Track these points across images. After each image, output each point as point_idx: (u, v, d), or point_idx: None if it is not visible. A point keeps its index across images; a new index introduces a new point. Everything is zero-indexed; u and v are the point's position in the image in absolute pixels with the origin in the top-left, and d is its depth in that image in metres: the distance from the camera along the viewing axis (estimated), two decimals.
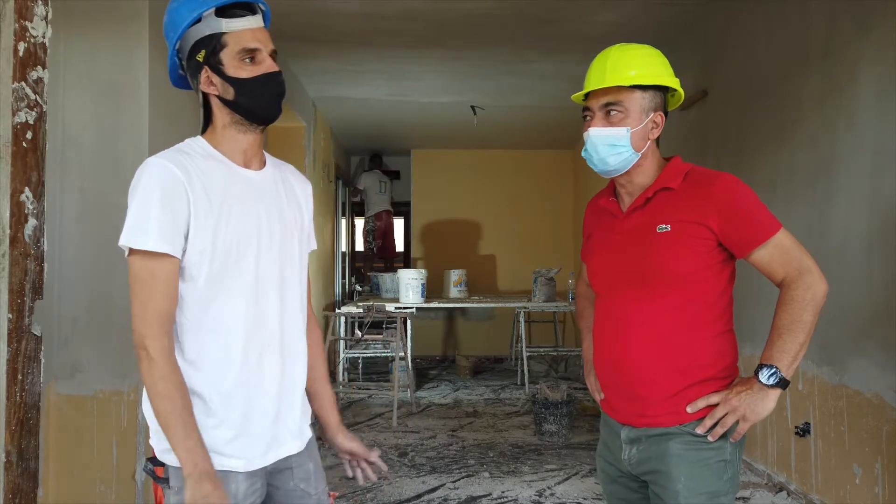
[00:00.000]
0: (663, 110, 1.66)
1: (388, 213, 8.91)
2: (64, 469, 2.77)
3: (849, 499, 3.09)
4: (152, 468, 1.43)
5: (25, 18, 2.62)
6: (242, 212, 1.44)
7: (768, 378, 1.53)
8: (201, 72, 1.44)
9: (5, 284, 2.55)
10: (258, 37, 1.45)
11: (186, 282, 1.40)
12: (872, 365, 2.94)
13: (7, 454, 2.52)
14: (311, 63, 5.44)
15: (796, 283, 1.55)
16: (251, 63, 1.44)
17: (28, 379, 2.63)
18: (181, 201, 1.37)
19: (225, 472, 1.42)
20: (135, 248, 1.35)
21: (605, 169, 1.67)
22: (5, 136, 2.54)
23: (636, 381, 1.62)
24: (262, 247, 1.47)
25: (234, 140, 1.49)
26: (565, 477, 4.05)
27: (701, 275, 1.58)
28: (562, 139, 8.44)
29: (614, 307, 1.67)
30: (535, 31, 4.67)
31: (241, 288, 1.43)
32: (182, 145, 1.47)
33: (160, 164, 1.38)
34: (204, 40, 1.42)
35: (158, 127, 2.93)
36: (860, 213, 3.04)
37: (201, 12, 1.41)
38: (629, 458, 1.66)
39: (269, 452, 1.49)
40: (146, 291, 1.36)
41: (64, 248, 2.78)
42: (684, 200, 1.60)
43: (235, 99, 1.44)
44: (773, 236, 1.56)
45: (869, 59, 3.00)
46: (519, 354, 6.95)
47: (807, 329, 1.53)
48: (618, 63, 1.63)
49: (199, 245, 1.38)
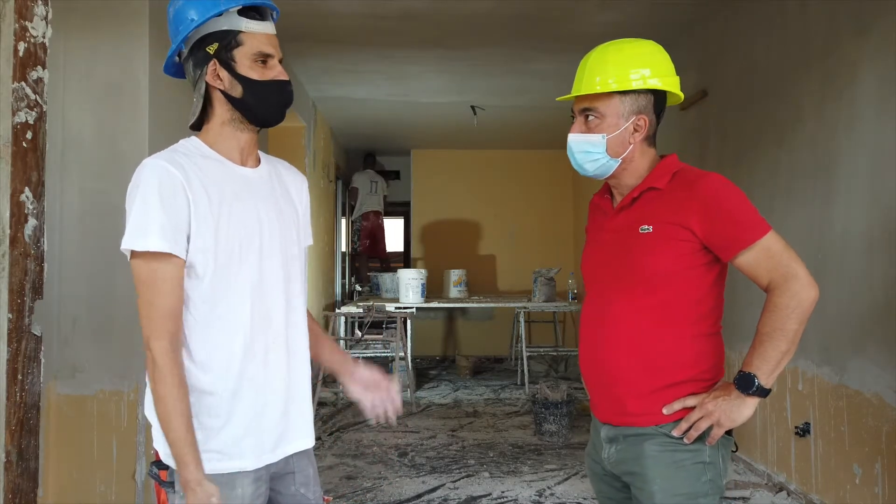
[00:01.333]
0: (653, 111, 1.63)
1: (376, 214, 8.77)
2: (64, 469, 2.77)
3: (849, 499, 3.09)
4: (157, 472, 1.43)
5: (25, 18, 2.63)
6: (243, 210, 1.44)
7: (746, 386, 1.50)
8: (208, 63, 1.43)
9: (5, 284, 2.55)
10: (273, 43, 1.47)
11: (192, 280, 1.40)
12: (872, 365, 2.95)
13: (7, 454, 2.52)
14: (312, 63, 5.44)
15: (781, 289, 1.50)
16: (263, 66, 1.45)
17: (28, 379, 2.63)
18: (180, 200, 1.36)
19: (231, 476, 1.42)
20: (137, 251, 1.35)
21: (585, 174, 1.66)
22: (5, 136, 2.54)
23: (612, 378, 1.62)
24: (265, 244, 1.47)
25: (231, 138, 1.49)
26: (565, 477, 4.05)
27: (682, 276, 1.56)
28: (562, 139, 8.28)
29: (596, 305, 1.67)
30: (535, 31, 4.67)
31: (247, 286, 1.44)
32: (177, 146, 1.47)
33: (157, 165, 1.38)
34: (219, 34, 1.42)
35: (158, 127, 2.93)
36: (860, 213, 3.05)
37: (231, 7, 1.41)
38: (608, 457, 1.66)
39: (278, 449, 1.49)
40: (150, 292, 1.36)
41: (64, 248, 2.78)
42: (669, 201, 1.57)
43: (242, 97, 1.44)
44: (758, 240, 1.51)
45: (868, 59, 3.00)
46: (519, 354, 6.95)
47: (789, 337, 1.49)
48: (595, 68, 1.61)
49: (202, 244, 1.38)
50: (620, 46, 1.64)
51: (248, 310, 1.43)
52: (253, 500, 1.44)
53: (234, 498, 1.41)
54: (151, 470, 1.45)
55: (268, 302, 1.46)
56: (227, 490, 1.40)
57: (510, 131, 7.89)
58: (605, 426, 1.67)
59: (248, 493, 1.43)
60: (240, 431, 1.43)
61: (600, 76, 1.59)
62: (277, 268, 1.49)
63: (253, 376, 1.44)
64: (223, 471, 1.41)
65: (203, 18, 1.41)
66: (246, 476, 1.43)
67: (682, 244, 1.54)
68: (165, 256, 1.35)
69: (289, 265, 1.53)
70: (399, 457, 4.44)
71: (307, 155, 6.37)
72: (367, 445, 4.69)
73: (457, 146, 8.84)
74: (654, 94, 1.63)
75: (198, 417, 1.40)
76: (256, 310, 1.44)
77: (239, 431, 1.43)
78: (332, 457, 4.44)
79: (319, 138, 6.91)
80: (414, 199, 9.12)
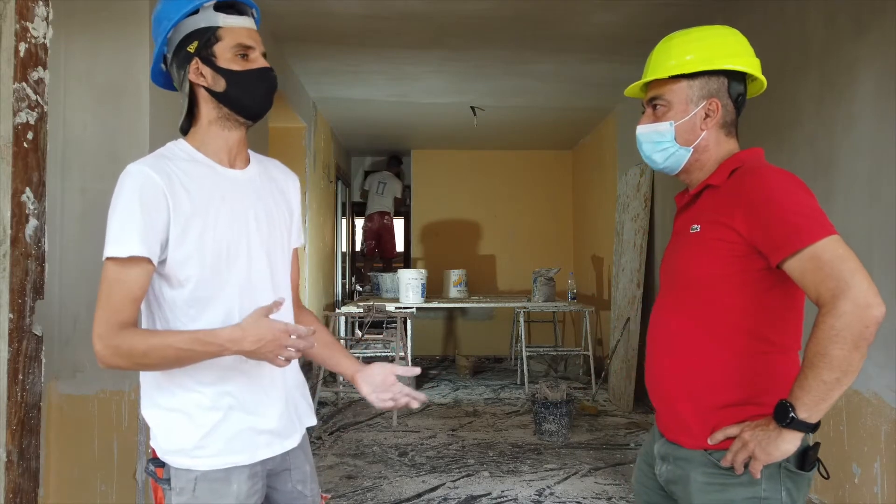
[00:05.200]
0: (727, 94, 1.50)
1: (380, 215, 8.78)
2: (64, 469, 2.77)
3: (848, 498, 3.09)
4: (154, 469, 1.44)
5: (26, 19, 2.63)
6: (230, 213, 1.45)
7: (781, 417, 1.31)
8: (190, 63, 1.44)
9: (6, 284, 2.56)
10: (253, 36, 1.47)
11: (175, 288, 1.40)
12: (871, 365, 2.95)
13: (8, 454, 2.53)
14: (312, 63, 5.45)
15: (827, 307, 1.29)
16: (244, 59, 1.45)
17: (29, 378, 2.64)
18: (160, 206, 1.36)
19: (227, 471, 1.43)
20: (114, 257, 1.35)
21: (657, 168, 1.56)
22: (6, 137, 2.55)
23: (665, 391, 1.51)
24: (253, 246, 1.47)
25: (219, 138, 1.49)
26: (565, 476, 4.05)
27: (729, 282, 1.41)
28: (562, 139, 8.45)
29: (658, 310, 1.57)
30: (535, 31, 4.68)
31: (235, 288, 1.44)
32: (164, 150, 1.46)
33: (139, 170, 1.38)
34: (198, 32, 1.43)
35: (159, 127, 2.94)
36: (860, 213, 3.05)
37: (204, 3, 1.43)
38: (661, 474, 1.55)
39: (273, 444, 1.50)
40: (112, 289, 1.35)
41: (65, 249, 2.79)
42: (721, 198, 1.44)
43: (226, 91, 1.44)
44: (808, 245, 1.30)
45: (868, 59, 3.00)
46: (519, 354, 6.96)
47: (834, 364, 1.27)
48: (660, 55, 1.53)
49: (185, 251, 1.38)
50: (687, 32, 1.55)
51: (237, 311, 1.43)
52: (249, 495, 1.45)
53: (230, 494, 1.42)
54: (147, 467, 1.46)
55: (257, 302, 1.45)
56: (222, 486, 1.42)
57: (510, 131, 7.89)
58: (660, 440, 1.56)
59: (244, 489, 1.44)
60: (235, 427, 1.44)
61: (675, 59, 1.50)
62: (266, 269, 1.50)
63: (247, 372, 1.46)
64: (219, 466, 1.42)
65: (178, 16, 1.43)
66: (241, 471, 1.44)
67: (726, 246, 1.40)
68: (138, 259, 1.35)
69: (278, 266, 1.54)
70: (399, 456, 4.45)
71: (307, 155, 6.37)
72: (368, 445, 4.70)
73: (457, 146, 8.85)
74: (729, 78, 1.50)
75: (192, 414, 1.42)
76: (246, 310, 1.43)
77: (234, 427, 1.44)
78: (332, 456, 4.44)
79: (320, 139, 6.92)
80: (414, 199, 9.13)
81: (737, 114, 1.54)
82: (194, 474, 1.41)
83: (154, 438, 1.45)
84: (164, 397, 1.44)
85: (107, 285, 1.35)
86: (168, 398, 1.43)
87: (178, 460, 1.41)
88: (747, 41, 1.55)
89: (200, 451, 1.41)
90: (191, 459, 1.41)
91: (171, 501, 1.41)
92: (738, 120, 1.56)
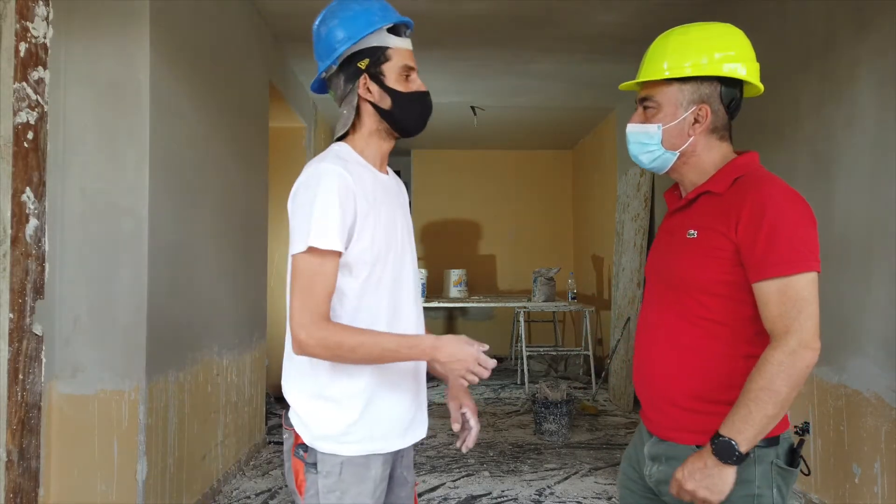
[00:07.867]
0: (719, 101, 1.48)
1: None
2: (65, 468, 2.77)
3: (848, 498, 3.09)
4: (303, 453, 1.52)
5: (27, 19, 2.63)
6: (385, 213, 1.56)
7: (725, 455, 1.32)
8: (359, 78, 1.55)
9: (7, 284, 2.56)
10: (413, 57, 1.60)
11: (348, 278, 1.50)
12: (872, 364, 2.95)
13: (8, 453, 2.53)
14: (312, 63, 5.41)
15: (779, 341, 1.32)
16: (407, 80, 1.57)
17: (29, 378, 2.64)
18: (351, 204, 1.47)
19: (367, 457, 1.52)
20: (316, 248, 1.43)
21: (643, 167, 1.56)
22: (6, 137, 2.55)
23: (656, 389, 1.52)
24: (398, 245, 1.59)
25: (376, 146, 1.61)
26: (565, 476, 4.05)
27: (730, 289, 1.41)
28: (562, 139, 8.45)
29: (648, 309, 1.58)
30: (535, 31, 4.68)
31: (387, 282, 1.55)
32: (338, 152, 1.56)
33: (335, 171, 1.47)
34: (369, 50, 1.54)
35: (159, 127, 2.93)
36: (860, 213, 3.05)
37: (383, 25, 1.54)
38: (651, 475, 1.54)
39: (407, 435, 1.61)
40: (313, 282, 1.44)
41: (65, 248, 2.78)
42: (721, 206, 1.43)
43: (391, 109, 1.56)
44: (784, 275, 1.33)
45: (868, 59, 3.00)
46: (519, 354, 6.96)
47: (777, 400, 1.30)
48: (655, 54, 1.51)
49: (362, 245, 1.49)
50: (686, 29, 1.53)
51: (385, 304, 1.54)
52: (382, 479, 1.56)
53: (369, 478, 1.52)
54: (297, 451, 1.53)
55: (402, 297, 1.58)
56: (363, 470, 1.51)
57: (510, 131, 7.90)
58: (650, 440, 1.55)
59: (379, 474, 1.54)
60: (378, 416, 1.53)
61: (668, 60, 1.48)
62: (408, 266, 1.63)
63: (391, 368, 1.54)
64: (361, 452, 1.51)
65: (359, 36, 1.53)
66: (378, 458, 1.54)
67: (723, 255, 1.41)
68: (334, 254, 1.45)
69: (414, 264, 1.67)
70: None
71: (308, 155, 6.37)
72: None
73: (457, 146, 8.85)
74: (723, 83, 1.48)
75: (341, 402, 1.51)
76: (393, 305, 1.56)
77: (377, 416, 1.53)
78: None
79: (320, 139, 6.91)
80: (414, 199, 9.13)
81: (730, 118, 1.53)
82: (340, 459, 1.50)
83: (301, 424, 1.53)
84: (313, 385, 1.52)
85: (308, 276, 1.44)
86: (316, 386, 1.52)
87: (325, 446, 1.50)
88: (748, 41, 1.55)
89: (347, 438, 1.50)
90: (338, 445, 1.50)
91: (318, 483, 1.50)
92: (731, 124, 1.55)
